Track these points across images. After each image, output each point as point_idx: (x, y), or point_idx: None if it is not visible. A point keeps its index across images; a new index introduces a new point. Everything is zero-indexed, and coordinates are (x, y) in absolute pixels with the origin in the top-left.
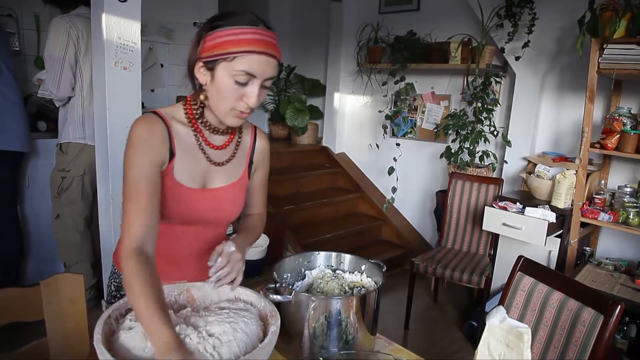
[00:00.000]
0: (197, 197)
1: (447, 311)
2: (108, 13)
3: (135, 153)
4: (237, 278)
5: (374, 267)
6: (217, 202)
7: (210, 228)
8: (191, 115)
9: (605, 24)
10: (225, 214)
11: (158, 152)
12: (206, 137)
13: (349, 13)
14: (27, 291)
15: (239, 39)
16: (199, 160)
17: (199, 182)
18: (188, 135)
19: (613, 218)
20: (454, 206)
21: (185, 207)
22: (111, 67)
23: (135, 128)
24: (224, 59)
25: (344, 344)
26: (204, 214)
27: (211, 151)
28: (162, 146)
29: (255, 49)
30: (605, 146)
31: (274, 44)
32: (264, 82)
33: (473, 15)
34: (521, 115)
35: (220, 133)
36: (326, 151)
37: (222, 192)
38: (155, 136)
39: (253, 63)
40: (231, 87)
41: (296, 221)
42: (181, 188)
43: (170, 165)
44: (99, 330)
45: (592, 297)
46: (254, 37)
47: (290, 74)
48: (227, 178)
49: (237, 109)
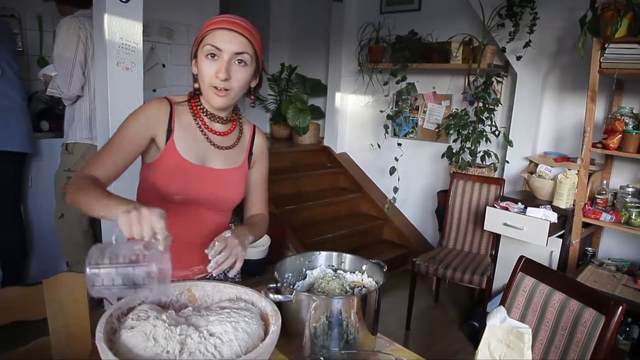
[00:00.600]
0: (198, 173)
1: (449, 311)
2: (110, 13)
3: (130, 118)
4: (237, 263)
5: (375, 267)
6: (217, 183)
7: (212, 213)
8: (192, 102)
9: (606, 24)
10: (225, 195)
11: (152, 121)
12: (205, 121)
13: (350, 13)
14: (30, 290)
15: (210, 23)
16: (198, 139)
17: (198, 158)
18: (188, 117)
19: (615, 218)
20: (455, 206)
21: (187, 181)
22: (113, 67)
23: (142, 105)
24: (199, 43)
25: (344, 343)
26: (204, 192)
27: (211, 134)
28: (159, 118)
29: (219, 26)
30: (607, 146)
31: (236, 23)
32: (234, 57)
33: (474, 15)
34: (523, 115)
35: (219, 121)
36: (327, 151)
37: (222, 173)
38: (155, 109)
39: (216, 37)
40: (205, 64)
41: (298, 221)
42: (183, 161)
43: (171, 140)
44: (101, 329)
45: (593, 298)
46: (219, 18)
47: (292, 74)
48: (227, 162)
49: (212, 84)
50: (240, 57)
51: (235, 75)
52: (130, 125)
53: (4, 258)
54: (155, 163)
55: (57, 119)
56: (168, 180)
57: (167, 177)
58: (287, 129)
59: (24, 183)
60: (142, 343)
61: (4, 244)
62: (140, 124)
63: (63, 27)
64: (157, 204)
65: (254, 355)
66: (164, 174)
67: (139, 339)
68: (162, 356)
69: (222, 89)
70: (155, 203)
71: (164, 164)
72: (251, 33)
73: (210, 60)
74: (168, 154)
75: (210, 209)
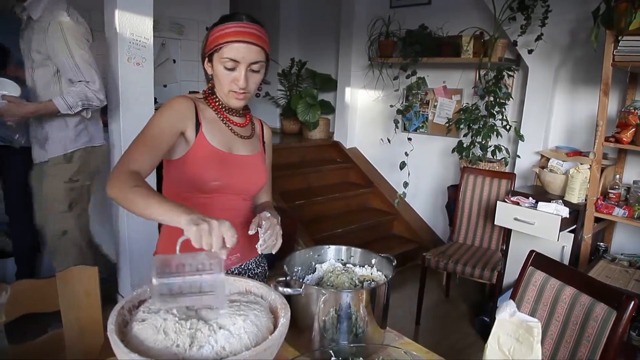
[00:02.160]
0: (229, 160)
1: (459, 306)
2: (121, 9)
3: (159, 113)
4: (278, 241)
5: (384, 261)
6: (246, 167)
7: (241, 199)
8: (210, 99)
9: (620, 16)
10: (254, 179)
11: (181, 116)
12: (226, 114)
13: (359, 7)
14: (43, 283)
15: (224, 33)
16: (223, 130)
17: (227, 147)
18: (210, 112)
19: (628, 213)
20: (465, 201)
21: (221, 168)
22: (124, 63)
23: (167, 102)
24: (216, 50)
25: (353, 337)
26: (236, 177)
27: (233, 126)
28: (187, 113)
29: (236, 39)
30: (620, 140)
31: (254, 34)
32: (250, 66)
33: (485, 9)
34: (534, 109)
35: (235, 114)
36: (337, 146)
37: (248, 159)
38: (182, 105)
39: (234, 50)
40: (223, 73)
41: (308, 216)
42: (215, 150)
43: (200, 133)
44: (113, 321)
45: (605, 292)
46: (236, 29)
47: (302, 69)
48: (250, 149)
49: (232, 90)
50: (256, 65)
51: (251, 80)
52: (162, 120)
53: (18, 252)
54: (187, 156)
55: None
56: (204, 169)
57: (202, 166)
58: (297, 124)
59: None
60: (153, 336)
61: (18, 238)
62: (171, 118)
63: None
64: (190, 196)
65: (263, 347)
66: (199, 164)
67: (150, 332)
68: (172, 349)
69: (241, 93)
70: (188, 196)
71: (198, 155)
72: (264, 40)
73: (229, 70)
74: (200, 145)
75: (241, 194)
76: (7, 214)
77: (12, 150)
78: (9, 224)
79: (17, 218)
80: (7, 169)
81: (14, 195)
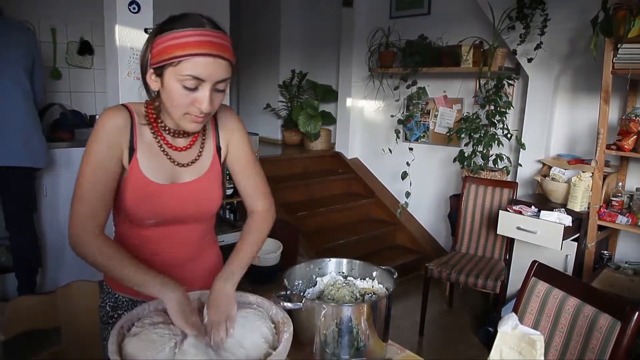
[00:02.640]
0: (169, 192)
1: (462, 317)
2: (121, 24)
3: (94, 140)
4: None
5: (386, 273)
6: (192, 196)
7: (193, 225)
8: (151, 119)
9: (619, 24)
10: (203, 207)
11: (115, 140)
12: (168, 140)
13: (360, 18)
14: (43, 299)
15: (182, 42)
16: (162, 161)
17: (166, 178)
18: (149, 135)
19: (632, 221)
20: (468, 210)
21: (159, 204)
22: (125, 78)
23: (99, 119)
24: (170, 64)
25: (355, 351)
26: (180, 210)
27: (174, 153)
28: (122, 135)
29: (199, 52)
30: (622, 147)
31: (221, 45)
32: (215, 85)
33: (484, 18)
34: (535, 117)
35: (182, 135)
36: (339, 157)
37: (193, 185)
38: (116, 125)
39: (199, 66)
40: (181, 93)
41: (310, 227)
42: (150, 183)
43: (134, 159)
44: (113, 341)
45: (608, 303)
46: (198, 39)
47: (302, 80)
48: (197, 172)
49: (191, 113)
50: (222, 84)
51: (215, 101)
52: (97, 148)
53: (19, 267)
54: (122, 184)
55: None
56: (137, 204)
57: (135, 201)
58: (298, 135)
59: (39, 193)
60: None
61: (19, 253)
62: (106, 143)
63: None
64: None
65: None
66: (132, 198)
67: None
68: None
69: (200, 116)
70: (131, 226)
71: (131, 187)
72: (232, 52)
73: (187, 90)
74: (133, 176)
75: (190, 222)
76: (7, 229)
77: (8, 168)
78: (10, 238)
79: (18, 233)
80: (6, 184)
81: (14, 210)
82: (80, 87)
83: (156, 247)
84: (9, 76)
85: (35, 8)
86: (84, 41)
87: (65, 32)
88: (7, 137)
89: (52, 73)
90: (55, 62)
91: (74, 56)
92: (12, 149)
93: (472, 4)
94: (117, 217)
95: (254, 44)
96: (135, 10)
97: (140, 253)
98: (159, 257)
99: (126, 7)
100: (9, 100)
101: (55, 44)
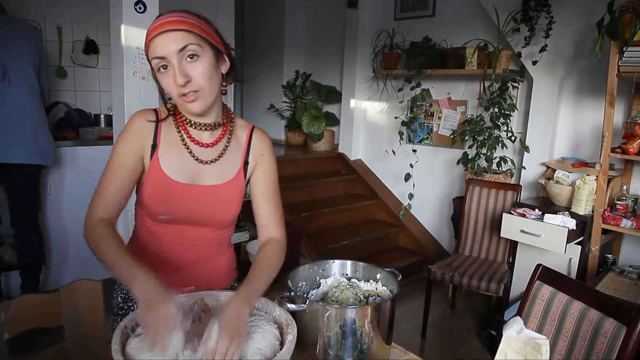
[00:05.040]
0: (186, 192)
1: (465, 319)
2: (127, 24)
3: (119, 140)
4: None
5: (390, 275)
6: (209, 201)
7: (208, 230)
8: (177, 115)
9: (624, 27)
10: (218, 215)
11: (138, 140)
12: (192, 134)
13: (364, 19)
14: (46, 297)
15: (147, 36)
16: (184, 156)
17: (186, 177)
18: (173, 132)
19: (636, 224)
20: (471, 213)
21: (173, 202)
22: (130, 77)
23: (128, 120)
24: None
25: (358, 353)
26: (194, 212)
27: (197, 148)
28: (145, 135)
29: (152, 35)
30: (627, 151)
31: (173, 21)
32: (181, 56)
33: (489, 20)
34: (539, 120)
35: (206, 129)
36: (342, 158)
37: (214, 190)
38: (139, 124)
39: (156, 47)
40: (163, 78)
41: (312, 228)
42: (168, 180)
43: (155, 156)
44: (117, 341)
45: (614, 307)
46: (154, 25)
47: (306, 81)
48: (219, 177)
49: (180, 94)
50: (187, 51)
51: (194, 72)
52: (120, 148)
53: (23, 265)
54: (143, 181)
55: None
56: (154, 200)
57: (152, 196)
58: (301, 135)
59: (43, 191)
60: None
61: (24, 251)
62: (129, 144)
63: None
64: (149, 222)
65: None
66: (150, 194)
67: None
68: None
69: (190, 93)
70: (148, 221)
71: (150, 183)
72: (186, 22)
73: (164, 72)
74: (152, 172)
75: (204, 226)
76: (12, 227)
77: (17, 165)
78: (15, 236)
79: (23, 231)
80: (12, 182)
81: (20, 208)
82: (86, 86)
83: (169, 245)
84: (18, 74)
85: (41, 7)
86: (90, 40)
87: (71, 31)
88: (16, 134)
89: (58, 72)
90: (61, 61)
91: (80, 55)
92: (21, 146)
93: (476, 6)
94: (138, 210)
95: (258, 44)
96: (142, 10)
97: (154, 248)
98: (171, 255)
99: (132, 7)
100: (18, 98)
101: (61, 42)
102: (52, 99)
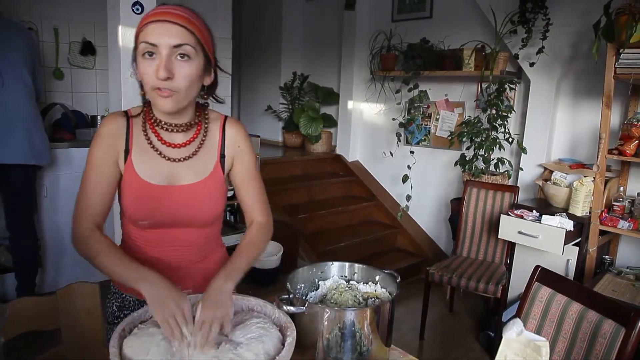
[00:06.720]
0: (164, 194)
1: (463, 321)
2: (124, 25)
3: (93, 145)
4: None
5: (388, 277)
6: (189, 200)
7: (192, 229)
8: (147, 117)
9: (621, 29)
10: (200, 212)
11: (111, 144)
12: (164, 137)
13: (361, 21)
14: (43, 300)
15: (141, 20)
16: (156, 160)
17: (162, 179)
18: (142, 133)
19: (633, 226)
20: (469, 214)
21: (153, 206)
22: (127, 78)
23: (99, 125)
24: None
25: (358, 355)
26: (175, 213)
27: (169, 150)
28: (117, 140)
29: (150, 20)
30: (624, 152)
31: (173, 13)
32: (173, 51)
33: (486, 22)
34: (536, 121)
35: (178, 130)
36: (340, 159)
37: (193, 188)
38: (111, 130)
39: (150, 32)
40: (143, 64)
41: (310, 229)
42: (144, 184)
43: (129, 161)
44: (114, 344)
45: (612, 309)
46: (154, 12)
47: (304, 83)
48: (196, 175)
49: (155, 86)
50: (181, 50)
51: (179, 72)
52: (96, 152)
53: (19, 268)
54: (122, 188)
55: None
56: (136, 206)
57: (134, 203)
58: (299, 137)
59: (39, 193)
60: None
61: (19, 254)
62: (101, 150)
63: None
64: (136, 230)
65: None
66: (130, 200)
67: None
68: None
69: (166, 89)
70: (134, 229)
71: (128, 189)
72: (190, 21)
73: (148, 59)
74: (128, 177)
75: (189, 226)
76: (7, 229)
77: (12, 166)
78: (10, 239)
79: (18, 233)
80: (7, 183)
81: (16, 210)
82: (82, 87)
83: (157, 250)
84: (13, 75)
85: (38, 8)
86: (87, 41)
87: (68, 32)
88: (11, 135)
89: (54, 73)
90: (58, 62)
91: (76, 56)
92: (16, 147)
93: (474, 7)
94: (123, 221)
95: (255, 45)
96: (139, 11)
97: (143, 254)
98: (161, 259)
99: (129, 8)
100: (13, 99)
101: (58, 44)
102: (49, 101)
